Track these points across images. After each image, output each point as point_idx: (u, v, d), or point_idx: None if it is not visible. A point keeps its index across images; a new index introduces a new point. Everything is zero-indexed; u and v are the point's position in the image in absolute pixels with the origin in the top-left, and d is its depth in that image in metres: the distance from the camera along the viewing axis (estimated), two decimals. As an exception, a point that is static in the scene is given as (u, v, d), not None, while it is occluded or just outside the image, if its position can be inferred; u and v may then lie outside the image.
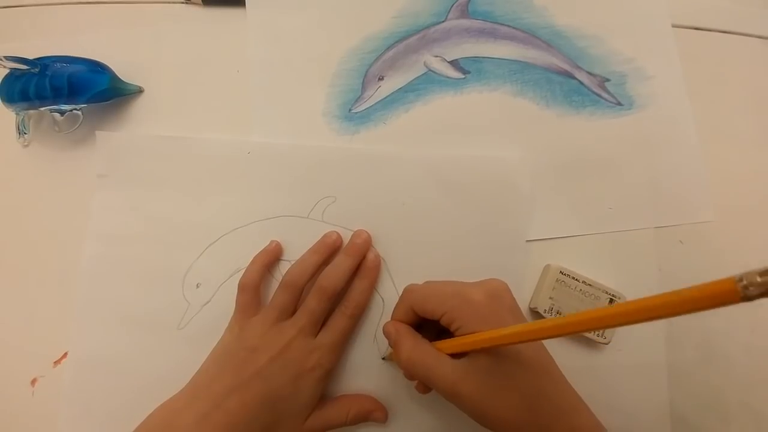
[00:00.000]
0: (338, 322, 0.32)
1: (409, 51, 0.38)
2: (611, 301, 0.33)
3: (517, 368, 0.25)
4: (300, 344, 0.30)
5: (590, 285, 0.33)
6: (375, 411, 0.32)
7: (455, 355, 0.26)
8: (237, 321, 0.32)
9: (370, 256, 0.34)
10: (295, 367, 0.29)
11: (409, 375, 0.29)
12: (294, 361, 0.30)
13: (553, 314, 0.33)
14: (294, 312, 0.32)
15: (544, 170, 0.36)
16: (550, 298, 0.33)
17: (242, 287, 0.33)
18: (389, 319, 0.33)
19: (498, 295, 0.27)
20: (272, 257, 0.34)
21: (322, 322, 0.32)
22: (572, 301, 0.33)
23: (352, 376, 0.34)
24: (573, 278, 0.33)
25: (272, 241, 0.35)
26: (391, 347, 0.29)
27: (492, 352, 0.25)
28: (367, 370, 0.34)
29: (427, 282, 0.31)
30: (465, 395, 0.25)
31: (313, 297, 0.31)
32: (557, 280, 0.33)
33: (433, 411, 0.33)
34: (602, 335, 0.33)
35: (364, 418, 0.32)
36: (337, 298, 0.32)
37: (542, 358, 0.26)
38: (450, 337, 0.27)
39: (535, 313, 0.34)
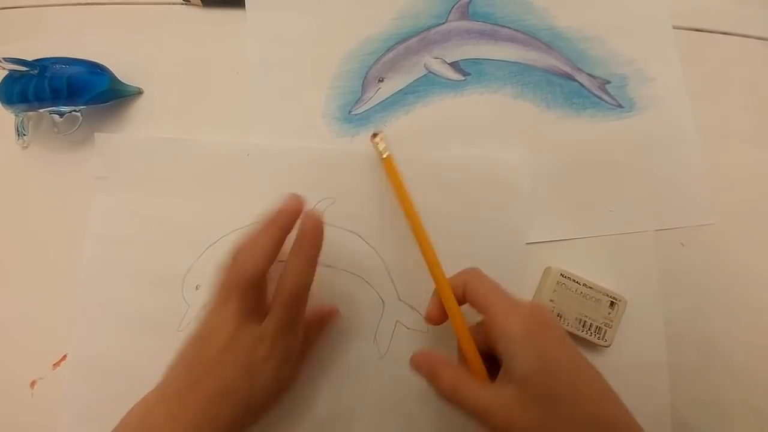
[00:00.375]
0: (276, 310, 0.28)
1: (409, 53, 0.38)
2: (612, 303, 0.33)
3: (573, 406, 0.24)
4: (244, 332, 0.27)
5: (591, 288, 0.33)
6: (325, 317, 0.33)
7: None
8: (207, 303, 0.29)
9: (305, 224, 0.28)
10: (245, 358, 0.27)
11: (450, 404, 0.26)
12: (243, 351, 0.27)
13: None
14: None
15: (544, 172, 0.36)
16: (551, 300, 0.33)
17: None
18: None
19: (545, 316, 0.26)
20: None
21: (259, 306, 0.28)
22: (573, 303, 0.33)
23: (352, 377, 0.34)
24: (573, 281, 0.33)
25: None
26: (426, 378, 0.27)
27: (543, 380, 0.24)
28: (366, 371, 0.34)
29: None
30: (516, 425, 0.23)
31: (235, 286, 0.27)
32: (558, 283, 0.33)
33: (434, 411, 0.33)
34: (603, 338, 0.33)
35: (321, 329, 0.33)
36: (262, 277, 0.27)
37: (597, 384, 0.25)
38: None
39: None
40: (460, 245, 0.35)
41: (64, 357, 0.34)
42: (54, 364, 0.34)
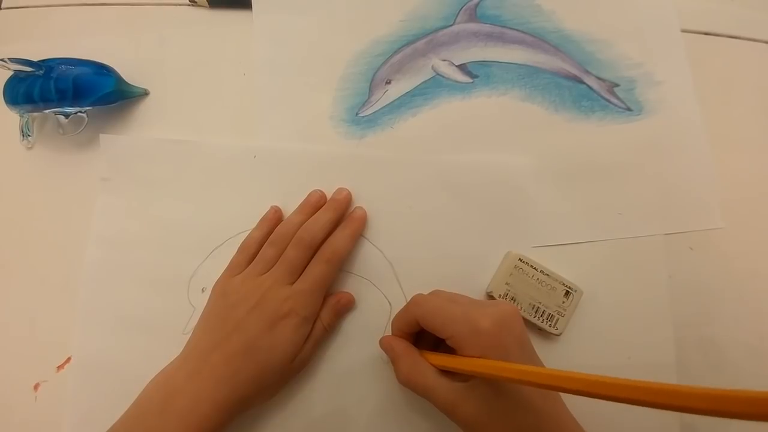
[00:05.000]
0: (313, 268, 0.32)
1: (416, 55, 0.38)
2: (567, 293, 0.33)
3: (516, 406, 0.25)
4: (275, 293, 0.31)
5: (547, 275, 0.33)
6: (341, 303, 0.33)
7: (455, 374, 0.27)
8: (220, 281, 0.33)
9: (355, 208, 0.35)
10: (269, 316, 0.30)
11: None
12: (268, 310, 0.30)
13: (508, 300, 0.33)
14: None
15: (552, 176, 0.36)
16: (506, 283, 0.33)
17: (244, 248, 0.34)
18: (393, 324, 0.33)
19: (507, 323, 0.27)
20: (273, 224, 0.34)
21: (299, 272, 0.32)
22: (528, 289, 0.33)
23: (357, 379, 0.33)
24: (531, 266, 0.33)
25: (272, 207, 0.35)
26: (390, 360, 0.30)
27: (494, 385, 0.25)
28: (371, 371, 0.33)
29: (434, 294, 0.31)
30: (461, 417, 0.26)
31: (291, 247, 0.32)
32: (515, 267, 0.33)
33: (435, 420, 0.33)
34: (554, 326, 0.33)
35: (339, 315, 0.34)
36: (316, 250, 0.32)
37: (548, 403, 0.26)
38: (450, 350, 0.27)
39: (490, 297, 0.34)
40: (467, 249, 0.35)
41: (68, 359, 0.34)
42: (58, 367, 0.34)
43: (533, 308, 0.33)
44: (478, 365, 0.25)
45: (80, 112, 0.36)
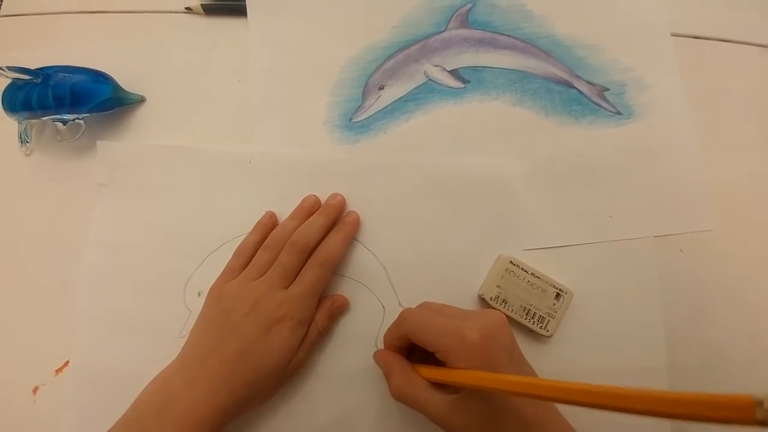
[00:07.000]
0: (307, 272, 0.32)
1: (409, 60, 0.38)
2: (558, 295, 0.34)
3: (507, 416, 0.25)
4: (269, 298, 0.31)
5: (538, 278, 0.34)
6: (336, 306, 0.34)
7: (447, 386, 0.27)
8: (215, 286, 0.33)
9: (348, 212, 0.35)
10: (264, 320, 0.30)
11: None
12: (263, 314, 0.30)
13: (499, 303, 0.33)
14: None
15: (543, 179, 0.36)
16: (498, 286, 0.34)
17: (239, 252, 0.34)
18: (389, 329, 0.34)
19: (494, 334, 0.27)
20: (269, 229, 0.35)
21: (293, 276, 0.32)
22: (519, 291, 0.34)
23: (353, 383, 0.34)
24: (522, 269, 0.34)
25: (267, 212, 0.35)
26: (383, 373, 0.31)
27: (484, 395, 0.26)
28: (365, 373, 0.34)
29: (422, 306, 0.31)
30: (453, 430, 0.26)
31: (285, 251, 0.32)
32: (506, 270, 0.34)
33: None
34: (545, 328, 0.33)
35: (333, 318, 0.34)
36: (309, 254, 0.33)
37: (541, 411, 0.26)
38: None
39: (482, 300, 0.34)
40: (458, 252, 0.35)
41: (66, 363, 0.35)
42: (56, 370, 0.35)
43: (524, 310, 0.33)
44: (467, 377, 0.25)
45: (78, 119, 0.36)
